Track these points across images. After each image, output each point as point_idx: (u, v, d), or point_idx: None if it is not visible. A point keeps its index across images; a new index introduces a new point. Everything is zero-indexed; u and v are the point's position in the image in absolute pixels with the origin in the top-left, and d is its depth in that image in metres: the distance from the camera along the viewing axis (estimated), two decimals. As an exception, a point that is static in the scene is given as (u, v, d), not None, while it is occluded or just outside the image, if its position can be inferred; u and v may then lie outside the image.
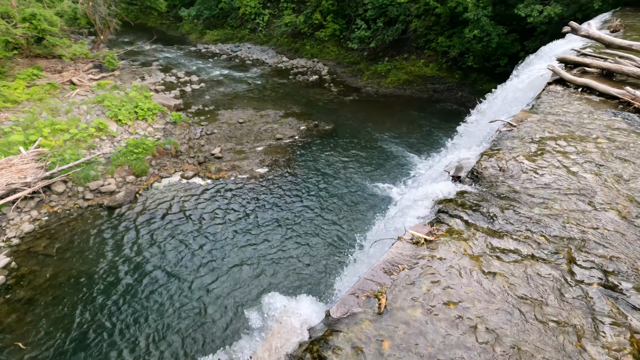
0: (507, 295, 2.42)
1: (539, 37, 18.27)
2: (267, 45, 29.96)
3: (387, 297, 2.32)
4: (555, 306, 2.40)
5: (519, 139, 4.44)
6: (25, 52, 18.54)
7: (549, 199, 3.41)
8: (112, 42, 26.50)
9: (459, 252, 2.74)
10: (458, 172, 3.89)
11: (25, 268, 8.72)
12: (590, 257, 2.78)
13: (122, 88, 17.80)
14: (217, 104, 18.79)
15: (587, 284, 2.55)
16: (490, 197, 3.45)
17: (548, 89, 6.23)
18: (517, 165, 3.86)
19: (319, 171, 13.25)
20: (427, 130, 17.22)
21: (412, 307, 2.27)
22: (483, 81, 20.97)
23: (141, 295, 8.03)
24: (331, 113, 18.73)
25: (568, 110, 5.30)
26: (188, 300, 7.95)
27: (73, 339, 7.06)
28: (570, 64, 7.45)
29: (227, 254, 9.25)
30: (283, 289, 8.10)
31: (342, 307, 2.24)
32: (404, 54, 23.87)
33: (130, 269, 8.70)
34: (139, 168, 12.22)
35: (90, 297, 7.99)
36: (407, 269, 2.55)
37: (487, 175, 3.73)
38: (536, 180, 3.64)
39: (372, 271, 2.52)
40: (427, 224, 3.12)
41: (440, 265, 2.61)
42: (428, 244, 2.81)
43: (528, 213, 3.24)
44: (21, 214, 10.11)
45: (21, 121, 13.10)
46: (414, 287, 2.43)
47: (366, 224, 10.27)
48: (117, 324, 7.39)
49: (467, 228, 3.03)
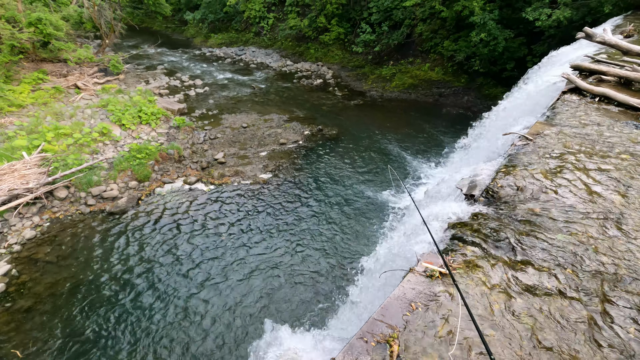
0: (534, 341, 2.18)
1: (546, 41, 17.96)
2: (271, 48, 29.89)
3: (399, 342, 2.09)
4: (589, 355, 2.15)
5: (536, 154, 4.19)
6: (31, 56, 18.57)
7: (573, 223, 3.16)
8: (117, 46, 26.56)
9: (477, 287, 2.51)
10: (471, 191, 3.65)
11: (26, 275, 8.60)
12: (626, 295, 2.52)
13: (126, 92, 17.75)
14: (221, 108, 18.68)
15: (623, 328, 2.30)
16: (509, 220, 3.21)
17: (563, 99, 5.97)
18: (536, 183, 3.62)
19: (323, 177, 13.03)
20: (432, 135, 16.94)
21: (428, 355, 2.05)
22: (489, 85, 20.68)
23: (141, 306, 7.86)
24: (335, 117, 18.53)
25: (586, 122, 5.04)
26: (189, 313, 7.76)
27: (71, 349, 6.91)
28: (585, 71, 7.18)
29: (229, 264, 9.06)
30: (284, 312, 7.76)
31: (348, 354, 2.01)
32: (409, 58, 23.63)
33: (131, 278, 8.54)
34: (141, 173, 12.09)
35: (90, 306, 7.84)
36: (421, 308, 2.33)
37: (504, 194, 3.50)
38: (557, 202, 3.40)
39: (382, 310, 2.30)
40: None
41: (457, 303, 2.38)
42: (443, 277, 2.59)
43: (551, 240, 3.00)
44: (23, 220, 10.01)
45: (25, 125, 13.05)
46: (429, 330, 2.20)
47: (371, 238, 10.00)
48: (116, 335, 7.22)
49: (485, 258, 2.79)
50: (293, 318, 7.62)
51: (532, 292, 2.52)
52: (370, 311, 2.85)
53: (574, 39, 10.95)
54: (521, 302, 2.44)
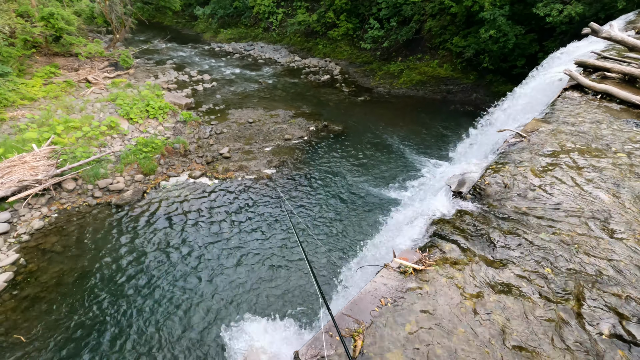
0: (502, 342, 2.16)
1: (558, 38, 17.51)
2: (279, 44, 29.88)
3: (364, 337, 2.10)
4: (557, 355, 2.12)
5: (529, 152, 4.12)
6: (44, 50, 18.97)
7: (558, 222, 3.11)
8: (127, 41, 26.91)
9: (451, 285, 2.49)
10: (460, 187, 3.62)
11: (34, 265, 8.86)
12: (603, 296, 2.47)
13: (135, 86, 18.01)
14: (227, 103, 18.80)
15: (597, 330, 2.26)
16: (493, 218, 3.18)
17: (564, 95, 5.83)
18: (525, 181, 3.57)
19: (327, 173, 13.04)
20: (439, 132, 16.76)
21: (392, 351, 2.05)
22: (499, 82, 20.30)
23: (144, 296, 8.04)
24: (342, 114, 18.47)
25: (585, 119, 4.91)
26: (191, 303, 7.90)
27: (74, 337, 7.12)
28: (589, 68, 6.99)
29: (230, 256, 9.18)
30: (273, 301, 7.85)
31: (312, 348, 2.03)
32: (417, 54, 23.34)
33: (136, 269, 8.73)
34: (147, 167, 12.30)
35: (95, 296, 8.05)
36: (390, 304, 2.33)
37: (491, 192, 3.45)
38: (545, 200, 3.34)
39: (351, 304, 2.31)
40: (418, 250, 2.88)
41: (428, 300, 2.37)
42: (417, 274, 2.58)
43: (534, 239, 2.95)
44: (32, 210, 10.29)
45: (36, 118, 13.37)
46: (396, 326, 2.20)
47: (369, 233, 10.01)
48: (119, 323, 7.41)
49: (464, 256, 2.77)
50: (281, 309, 7.71)
51: (507, 291, 2.50)
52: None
53: (584, 36, 10.66)
54: (494, 300, 2.42)
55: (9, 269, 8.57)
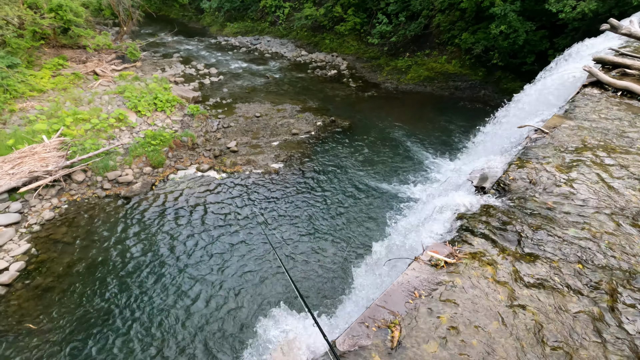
0: (537, 335, 2.15)
1: (570, 34, 17.27)
2: (286, 38, 29.71)
3: (401, 329, 2.10)
4: (593, 352, 2.10)
5: (552, 148, 4.07)
6: (52, 42, 18.97)
7: (586, 218, 3.08)
8: (135, 34, 26.87)
9: (483, 278, 2.48)
10: (482, 182, 3.59)
11: (45, 255, 8.93)
12: (636, 295, 2.44)
13: (142, 79, 18.00)
14: (234, 97, 18.77)
15: (633, 327, 2.23)
16: (520, 213, 3.15)
17: (583, 92, 5.76)
18: (550, 177, 3.53)
19: (334, 168, 13.02)
20: (446, 129, 16.65)
21: (429, 342, 2.04)
22: (508, 79, 20.09)
23: (153, 288, 8.09)
24: (349, 109, 18.40)
25: (607, 116, 4.86)
26: (199, 295, 7.95)
27: (84, 325, 7.19)
28: (607, 64, 6.90)
29: (239, 249, 9.21)
30: (289, 297, 7.89)
31: (349, 338, 2.03)
32: (425, 50, 23.14)
33: (145, 261, 8.78)
34: (156, 159, 12.32)
35: (105, 286, 8.12)
36: (424, 296, 2.32)
37: (516, 187, 3.42)
38: (571, 196, 3.31)
39: (384, 296, 2.30)
40: (448, 243, 2.86)
41: (461, 293, 2.36)
42: (448, 267, 2.57)
43: (563, 235, 2.93)
44: (42, 201, 10.35)
45: (45, 110, 13.41)
46: (431, 318, 2.20)
47: (379, 228, 10.00)
48: (128, 313, 7.48)
49: (493, 250, 2.75)
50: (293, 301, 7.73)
51: (539, 285, 2.48)
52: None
53: (598, 32, 10.54)
54: (527, 294, 2.40)
55: (21, 259, 8.65)
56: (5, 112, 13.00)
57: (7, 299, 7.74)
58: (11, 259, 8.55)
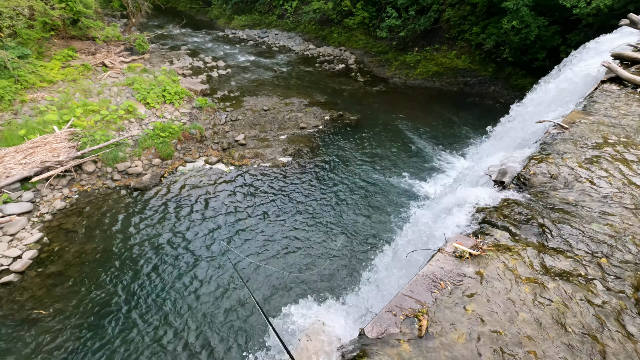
0: (564, 327, 2.15)
1: (583, 30, 16.99)
2: (294, 32, 29.53)
3: (428, 317, 2.11)
4: (618, 344, 2.10)
5: (572, 143, 4.03)
6: (62, 33, 19.01)
7: (609, 213, 3.06)
8: (143, 26, 26.86)
9: (507, 270, 2.48)
10: (502, 177, 3.56)
11: (56, 244, 9.05)
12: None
13: (151, 71, 18.02)
14: (242, 90, 18.75)
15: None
16: (541, 207, 3.13)
17: (602, 88, 5.68)
18: (571, 172, 3.50)
19: (342, 162, 13.00)
20: (455, 125, 16.54)
21: (456, 331, 2.05)
22: (518, 75, 19.86)
23: (162, 277, 8.19)
24: (356, 103, 18.31)
25: (627, 112, 4.79)
26: (208, 285, 8.02)
27: (94, 311, 7.31)
28: (626, 60, 6.79)
29: (246, 241, 9.27)
30: (305, 287, 7.97)
31: (377, 326, 2.04)
32: (434, 45, 22.89)
33: (154, 251, 8.87)
34: (165, 151, 12.38)
35: (114, 274, 8.23)
36: (450, 287, 2.33)
37: (536, 182, 3.40)
38: (593, 191, 3.28)
39: (411, 286, 2.31)
40: (471, 235, 2.86)
41: (486, 284, 2.36)
42: (473, 259, 2.56)
43: (586, 229, 2.91)
44: (54, 191, 10.46)
45: (56, 101, 13.49)
46: (457, 308, 2.20)
47: (389, 222, 10.00)
48: (137, 301, 7.59)
49: (516, 243, 2.74)
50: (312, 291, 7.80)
51: (564, 278, 2.47)
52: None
53: (613, 28, 10.36)
54: (552, 287, 2.40)
55: (34, 247, 8.76)
56: (17, 102, 13.10)
57: (21, 286, 7.87)
58: (24, 247, 8.67)
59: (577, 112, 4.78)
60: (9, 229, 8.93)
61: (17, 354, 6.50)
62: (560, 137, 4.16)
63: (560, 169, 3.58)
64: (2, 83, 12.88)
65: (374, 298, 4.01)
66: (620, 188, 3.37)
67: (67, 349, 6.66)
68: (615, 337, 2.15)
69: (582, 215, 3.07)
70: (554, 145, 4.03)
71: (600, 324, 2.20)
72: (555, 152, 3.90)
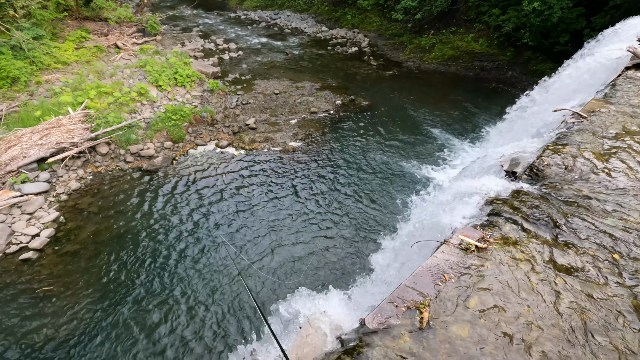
0: (572, 322, 2.10)
1: (609, 12, 16.10)
2: (306, 13, 28.92)
3: (430, 310, 2.09)
4: (630, 340, 2.05)
5: (590, 133, 3.87)
6: (75, 14, 19.05)
7: (625, 207, 2.95)
8: (154, 6, 26.68)
9: (514, 264, 2.43)
10: (513, 167, 3.46)
11: (72, 223, 9.31)
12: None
13: (163, 53, 17.98)
14: (253, 74, 18.59)
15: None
16: (553, 199, 3.03)
17: (626, 75, 5.39)
18: (587, 164, 3.37)
19: (353, 148, 12.89)
20: (470, 111, 16.12)
21: (458, 324, 2.04)
22: (537, 60, 19.07)
23: (173, 258, 8.37)
24: (369, 88, 17.98)
25: (651, 101, 4.55)
26: (218, 267, 8.18)
27: (109, 290, 7.56)
28: (655, 45, 6.41)
29: (255, 225, 9.37)
30: (309, 275, 8.03)
31: (378, 316, 2.04)
32: (451, 27, 22.11)
33: (166, 232, 9.06)
34: (176, 134, 12.47)
35: (128, 254, 8.45)
36: (454, 279, 2.30)
37: (550, 173, 3.29)
38: (610, 184, 3.16)
39: (413, 277, 2.29)
40: (478, 227, 2.80)
41: (492, 277, 2.32)
42: (479, 252, 2.52)
43: (599, 224, 2.82)
44: (69, 172, 10.69)
45: (70, 82, 13.63)
46: (460, 301, 2.18)
47: (399, 210, 9.94)
48: (151, 280, 7.80)
49: (525, 236, 2.68)
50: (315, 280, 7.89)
51: (573, 272, 2.41)
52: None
53: None
54: (560, 282, 2.35)
55: (50, 226, 9.04)
56: (32, 83, 13.29)
57: (39, 263, 8.18)
58: (42, 226, 8.96)
59: (597, 100, 4.56)
60: (27, 208, 9.23)
61: (35, 325, 6.83)
62: (577, 127, 3.99)
63: (575, 160, 3.45)
64: (18, 64, 13.05)
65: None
66: (638, 181, 3.24)
67: (82, 322, 6.94)
68: (627, 333, 2.10)
69: (596, 209, 2.95)
70: (570, 135, 3.88)
71: (612, 319, 2.15)
72: (571, 142, 3.75)
